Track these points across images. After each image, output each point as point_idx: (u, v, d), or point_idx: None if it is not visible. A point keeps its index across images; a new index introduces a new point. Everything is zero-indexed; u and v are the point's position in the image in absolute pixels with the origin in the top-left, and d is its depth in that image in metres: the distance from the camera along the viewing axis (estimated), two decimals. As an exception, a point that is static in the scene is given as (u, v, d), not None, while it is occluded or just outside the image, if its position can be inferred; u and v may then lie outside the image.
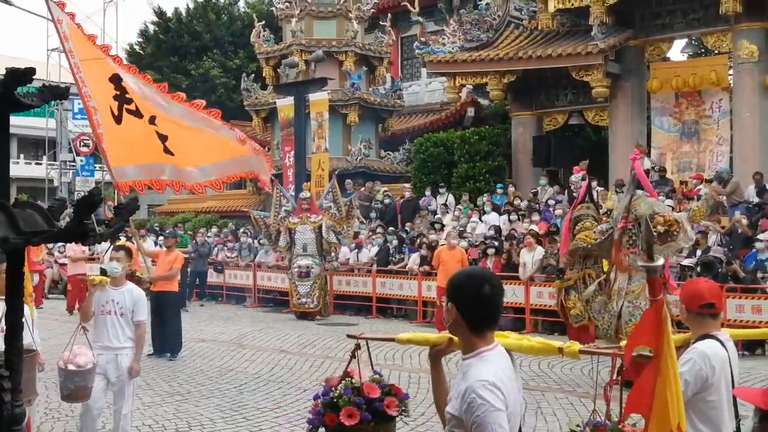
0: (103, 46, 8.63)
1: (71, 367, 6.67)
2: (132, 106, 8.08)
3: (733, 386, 4.26)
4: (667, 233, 10.55)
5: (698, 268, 13.71)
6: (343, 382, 3.88)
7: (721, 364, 4.22)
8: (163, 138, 8.11)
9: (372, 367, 3.96)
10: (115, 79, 7.99)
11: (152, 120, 8.16)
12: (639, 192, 11.09)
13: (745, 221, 15.60)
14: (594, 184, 20.12)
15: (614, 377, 3.58)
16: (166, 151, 8.15)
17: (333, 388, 3.87)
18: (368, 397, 3.80)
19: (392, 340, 4.01)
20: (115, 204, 23.04)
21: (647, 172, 13.27)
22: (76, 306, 19.70)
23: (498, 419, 2.97)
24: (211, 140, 8.31)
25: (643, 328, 3.23)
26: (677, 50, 24.21)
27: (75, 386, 6.70)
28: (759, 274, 13.77)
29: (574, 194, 17.06)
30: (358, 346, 3.92)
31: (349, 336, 4.11)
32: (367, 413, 3.76)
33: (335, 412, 3.78)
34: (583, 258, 13.62)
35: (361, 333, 4.07)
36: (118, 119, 8.12)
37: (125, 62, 8.74)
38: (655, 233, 10.39)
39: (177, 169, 8.24)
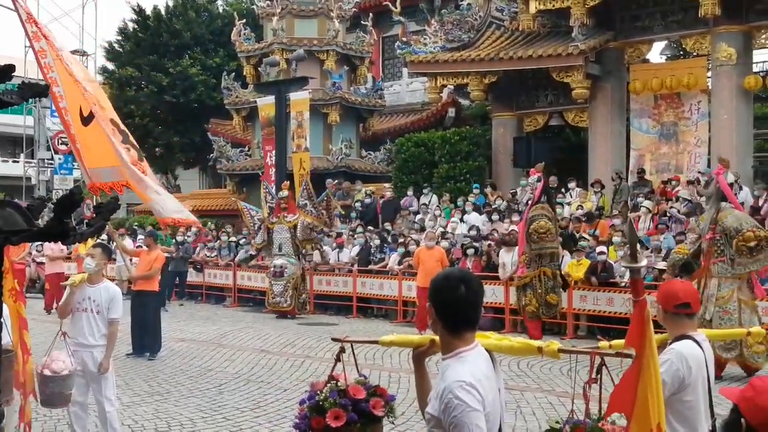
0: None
1: (47, 372, 6.67)
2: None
3: (709, 386, 4.32)
4: (758, 247, 10.95)
5: (677, 270, 13.82)
6: (328, 385, 3.90)
7: (698, 364, 4.27)
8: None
9: (357, 369, 3.98)
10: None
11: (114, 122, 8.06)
12: (724, 204, 11.44)
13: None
14: (573, 185, 20.31)
15: (593, 376, 3.61)
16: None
17: (318, 392, 3.89)
18: (354, 399, 3.82)
19: (376, 342, 4.06)
20: (94, 203, 22.89)
21: (731, 185, 13.76)
22: (54, 305, 19.60)
23: (475, 419, 2.99)
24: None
25: (630, 329, 3.27)
26: (657, 52, 24.36)
27: (50, 391, 6.71)
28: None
29: (518, 197, 17.31)
30: (342, 349, 3.95)
31: (333, 339, 4.14)
32: (353, 414, 3.78)
33: (321, 414, 3.79)
34: (538, 256, 13.88)
35: (345, 336, 4.10)
36: (86, 120, 8.00)
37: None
38: (745, 247, 10.90)
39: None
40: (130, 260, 14.91)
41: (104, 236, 19.99)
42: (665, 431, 3.26)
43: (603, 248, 15.43)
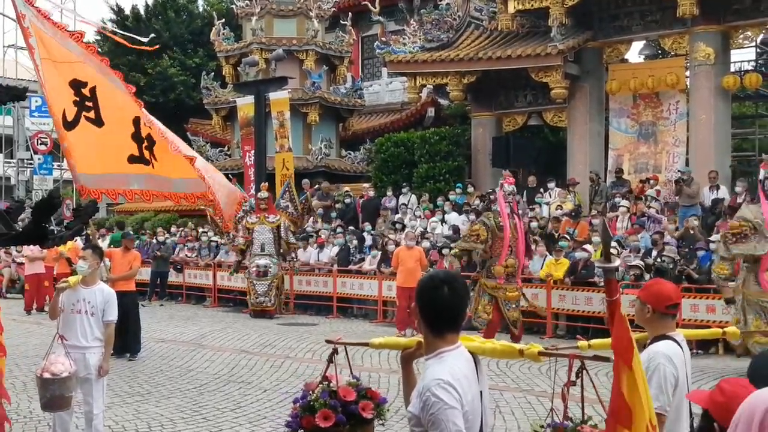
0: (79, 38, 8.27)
1: (46, 375, 6.69)
2: (91, 114, 7.89)
3: (687, 385, 4.37)
4: None
5: (651, 275, 13.87)
6: (320, 385, 3.96)
7: (680, 363, 4.33)
8: (150, 141, 7.92)
9: (351, 371, 4.04)
10: (76, 84, 7.83)
11: (136, 121, 7.99)
12: None
13: (696, 222, 15.83)
14: (552, 185, 20.36)
15: (572, 378, 3.65)
16: (143, 157, 7.95)
17: (311, 392, 3.95)
18: (344, 400, 3.88)
19: (367, 344, 4.14)
20: (74, 204, 22.73)
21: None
22: (34, 305, 19.47)
23: (452, 416, 3.04)
24: (174, 153, 8.10)
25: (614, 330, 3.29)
26: (635, 52, 24.47)
27: (51, 395, 6.74)
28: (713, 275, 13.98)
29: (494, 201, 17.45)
30: (335, 351, 4.00)
31: (327, 341, 4.21)
32: (341, 416, 3.83)
33: (311, 414, 3.85)
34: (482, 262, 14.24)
35: (339, 338, 4.16)
36: (70, 125, 7.89)
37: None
38: None
39: (152, 176, 8.02)
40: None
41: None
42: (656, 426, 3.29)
43: (588, 247, 15.49)
